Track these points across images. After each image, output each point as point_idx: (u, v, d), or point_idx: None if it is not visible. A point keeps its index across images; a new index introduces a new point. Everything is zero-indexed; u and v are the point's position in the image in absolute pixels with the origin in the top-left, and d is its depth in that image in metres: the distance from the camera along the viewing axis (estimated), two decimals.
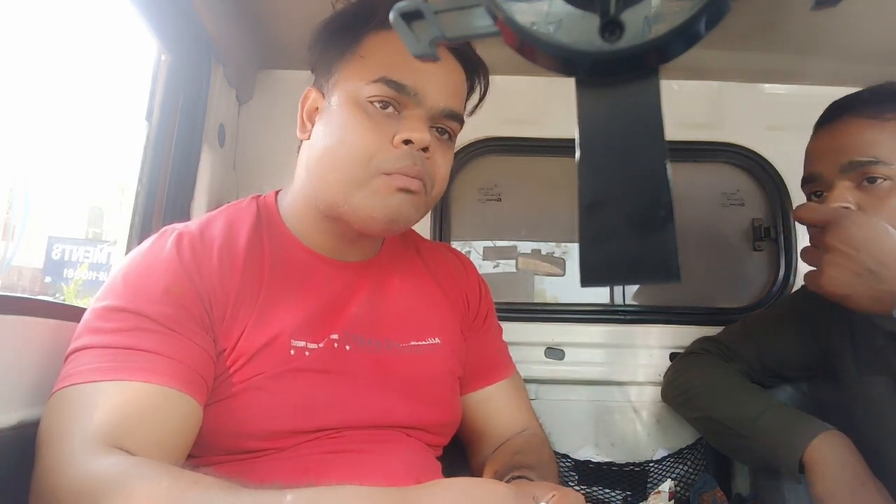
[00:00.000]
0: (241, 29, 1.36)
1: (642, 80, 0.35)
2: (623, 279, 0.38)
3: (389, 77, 0.80)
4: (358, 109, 0.81)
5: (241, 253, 0.82)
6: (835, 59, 1.47)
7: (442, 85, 0.83)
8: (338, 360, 0.82)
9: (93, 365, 0.68)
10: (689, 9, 0.32)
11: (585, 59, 0.34)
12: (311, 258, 0.88)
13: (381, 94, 0.81)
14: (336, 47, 0.86)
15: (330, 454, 0.78)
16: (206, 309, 0.76)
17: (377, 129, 0.80)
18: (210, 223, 0.85)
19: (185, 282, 0.75)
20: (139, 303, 0.72)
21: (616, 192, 0.35)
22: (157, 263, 0.76)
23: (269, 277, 0.82)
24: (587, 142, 0.36)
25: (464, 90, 0.90)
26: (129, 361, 0.68)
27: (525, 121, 1.60)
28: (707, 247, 1.68)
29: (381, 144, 0.80)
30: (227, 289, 0.78)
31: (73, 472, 0.61)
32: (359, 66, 0.83)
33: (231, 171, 1.48)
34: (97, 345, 0.70)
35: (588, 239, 0.35)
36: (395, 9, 0.37)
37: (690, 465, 1.49)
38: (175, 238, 0.79)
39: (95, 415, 0.64)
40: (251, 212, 0.89)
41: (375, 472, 0.78)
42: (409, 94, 0.81)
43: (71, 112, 22.90)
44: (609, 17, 0.33)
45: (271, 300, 0.81)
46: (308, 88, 0.90)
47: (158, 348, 0.70)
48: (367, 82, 0.81)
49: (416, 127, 0.80)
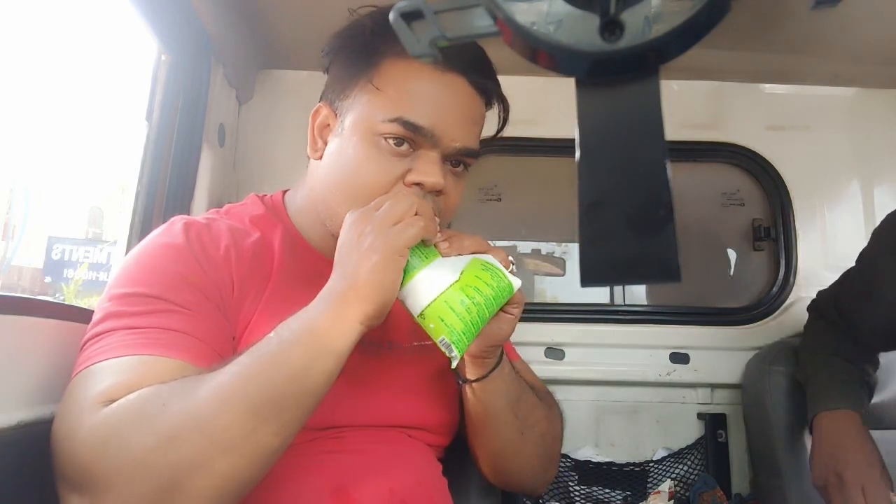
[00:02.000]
0: (241, 29, 1.36)
1: (642, 80, 0.35)
2: (623, 279, 0.38)
3: (406, 118, 0.77)
4: (371, 145, 0.79)
5: (250, 246, 0.82)
6: (835, 59, 1.47)
7: (460, 123, 0.80)
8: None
9: (119, 343, 0.68)
10: (689, 9, 0.32)
11: (585, 59, 0.34)
12: (320, 262, 0.87)
13: (397, 133, 0.78)
14: (351, 66, 0.83)
15: (332, 454, 0.78)
16: (219, 292, 0.76)
17: (389, 167, 0.78)
18: (216, 219, 0.85)
19: (197, 267, 0.76)
20: (160, 289, 0.72)
21: (616, 192, 0.35)
22: (170, 251, 0.76)
23: (277, 272, 0.82)
24: (587, 142, 0.36)
25: (482, 124, 0.87)
26: (144, 337, 0.68)
27: (525, 121, 1.60)
28: (707, 247, 1.68)
29: (392, 184, 0.78)
30: (231, 276, 0.78)
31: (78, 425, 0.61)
32: (374, 98, 0.79)
33: (231, 171, 1.47)
34: (122, 327, 0.69)
35: (588, 239, 0.35)
36: (395, 9, 0.37)
37: (690, 465, 1.49)
38: (183, 226, 0.79)
39: (105, 382, 0.64)
40: (258, 210, 0.89)
41: (376, 471, 0.78)
42: (426, 135, 0.78)
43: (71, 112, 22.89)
44: (609, 16, 0.33)
45: (279, 295, 0.81)
46: (319, 105, 0.87)
47: (174, 325, 0.70)
48: (382, 119, 0.78)
49: (429, 171, 0.78)
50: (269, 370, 0.63)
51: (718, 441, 1.49)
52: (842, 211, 1.59)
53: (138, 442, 0.58)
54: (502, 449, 0.90)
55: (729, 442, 1.49)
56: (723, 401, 1.53)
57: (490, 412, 0.86)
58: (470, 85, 0.82)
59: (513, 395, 0.87)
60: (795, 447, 1.28)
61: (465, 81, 0.81)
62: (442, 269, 0.71)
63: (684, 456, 1.50)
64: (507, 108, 0.90)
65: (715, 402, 1.53)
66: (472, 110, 0.83)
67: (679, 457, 1.50)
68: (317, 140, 0.86)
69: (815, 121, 1.60)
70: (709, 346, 1.53)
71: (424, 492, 0.81)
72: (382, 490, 0.76)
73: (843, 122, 1.61)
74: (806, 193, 1.58)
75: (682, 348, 1.52)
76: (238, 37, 1.37)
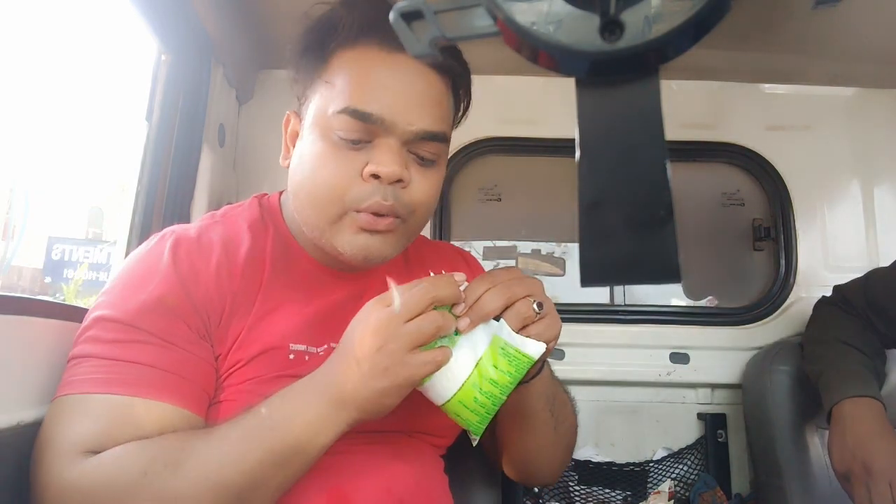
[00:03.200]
0: (241, 29, 1.36)
1: (642, 80, 0.35)
2: (623, 279, 0.38)
3: (353, 107, 0.73)
4: (326, 142, 0.76)
5: (242, 258, 0.80)
6: (835, 59, 1.47)
7: (415, 104, 0.75)
8: None
9: (87, 376, 0.69)
10: (689, 9, 0.32)
11: (585, 59, 0.34)
12: (314, 268, 0.86)
13: (348, 126, 0.74)
14: (306, 68, 0.81)
15: (330, 454, 0.78)
16: (202, 318, 0.74)
17: (345, 163, 0.74)
18: (209, 228, 0.83)
19: (180, 292, 0.74)
20: (135, 315, 0.71)
21: (616, 192, 0.35)
22: (153, 273, 0.75)
23: (268, 281, 0.81)
24: (587, 142, 0.36)
25: (445, 104, 0.80)
26: (124, 373, 0.69)
27: (525, 121, 1.60)
28: (707, 247, 1.68)
29: (351, 179, 0.74)
30: (223, 294, 0.77)
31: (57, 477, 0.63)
32: (326, 93, 0.77)
33: (231, 171, 1.47)
34: (95, 355, 0.70)
35: (588, 239, 0.35)
36: (396, 9, 0.37)
37: (690, 465, 1.49)
38: (172, 244, 0.77)
39: (83, 426, 0.66)
40: (254, 214, 0.88)
41: (374, 471, 0.78)
42: (377, 123, 0.73)
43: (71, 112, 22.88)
44: (609, 16, 0.33)
45: (270, 304, 0.80)
46: (288, 113, 0.86)
47: (153, 361, 0.70)
48: (332, 113, 0.75)
49: (384, 160, 0.73)
50: (254, 454, 0.65)
51: (718, 441, 1.49)
52: (842, 211, 1.59)
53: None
54: (538, 447, 0.89)
55: (729, 442, 1.49)
56: (723, 401, 1.53)
57: (529, 413, 0.85)
58: (423, 63, 0.75)
59: (550, 395, 0.86)
60: (796, 446, 1.28)
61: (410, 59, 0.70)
62: (457, 363, 0.69)
63: (684, 456, 1.50)
64: (468, 79, 0.84)
65: (715, 402, 1.53)
66: (430, 89, 0.77)
67: (679, 457, 1.50)
68: (288, 147, 0.85)
69: (815, 121, 1.60)
70: (709, 346, 1.52)
71: (423, 491, 0.81)
72: (380, 490, 0.76)
73: (843, 122, 1.61)
74: (806, 193, 1.58)
75: (682, 348, 1.52)
76: (238, 37, 1.37)
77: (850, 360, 1.16)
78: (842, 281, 1.31)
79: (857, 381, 1.12)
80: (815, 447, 1.30)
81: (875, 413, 1.07)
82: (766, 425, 1.32)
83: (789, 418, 1.29)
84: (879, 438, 1.04)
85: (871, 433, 1.05)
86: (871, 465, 1.02)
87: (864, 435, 1.05)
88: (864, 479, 1.02)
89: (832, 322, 1.26)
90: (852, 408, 1.09)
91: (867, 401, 1.09)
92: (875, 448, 1.03)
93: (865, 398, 1.09)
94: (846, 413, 1.09)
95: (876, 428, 1.05)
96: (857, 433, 1.06)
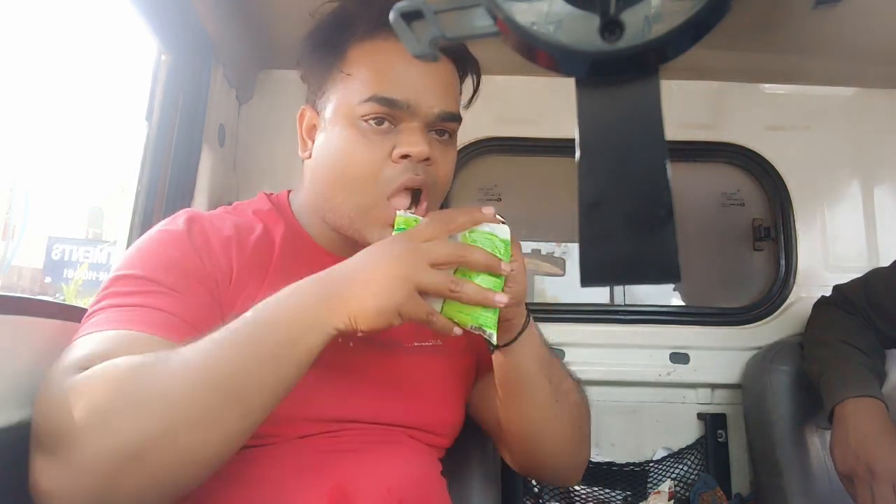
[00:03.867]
0: (241, 29, 1.36)
1: (642, 80, 0.35)
2: (623, 279, 0.38)
3: (380, 94, 0.79)
4: (353, 129, 0.81)
5: (252, 240, 0.84)
6: (835, 59, 1.47)
7: (434, 89, 0.82)
8: (341, 356, 0.82)
9: (104, 319, 0.70)
10: (689, 9, 0.32)
11: (585, 59, 0.34)
12: (323, 255, 0.88)
13: (374, 112, 0.80)
14: (321, 62, 0.85)
15: (330, 453, 0.78)
16: (215, 282, 0.78)
17: (375, 147, 0.80)
18: (221, 214, 0.88)
19: (193, 255, 0.78)
20: (149, 270, 0.75)
21: (616, 192, 0.35)
22: (168, 238, 0.79)
23: (277, 263, 0.83)
24: (587, 142, 0.36)
25: (457, 87, 0.89)
26: (136, 315, 0.70)
27: (525, 121, 1.60)
28: (707, 247, 1.68)
29: (382, 162, 0.80)
30: (230, 263, 0.80)
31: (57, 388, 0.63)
32: (347, 85, 0.82)
33: (231, 171, 1.47)
34: (109, 306, 0.72)
35: (588, 239, 0.35)
36: (396, 9, 0.37)
37: (690, 465, 1.49)
38: (187, 219, 0.82)
39: (86, 349, 0.66)
40: (264, 206, 0.92)
41: (374, 470, 0.78)
42: (402, 108, 0.80)
43: (71, 112, 22.88)
44: (609, 16, 0.33)
45: (278, 286, 0.81)
46: (303, 107, 0.90)
47: (165, 306, 0.72)
48: (358, 102, 0.80)
49: (413, 141, 0.80)
50: (240, 352, 0.64)
51: (718, 441, 1.49)
52: (842, 211, 1.59)
53: (106, 404, 0.59)
54: (537, 418, 0.89)
55: (729, 442, 1.49)
56: (723, 401, 1.53)
57: (523, 376, 0.85)
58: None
59: (545, 359, 0.87)
60: (796, 446, 1.28)
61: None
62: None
63: (684, 456, 1.50)
64: (478, 69, 0.92)
65: (715, 402, 1.53)
66: (444, 74, 0.84)
67: (679, 457, 1.50)
68: (305, 141, 0.89)
69: (815, 121, 1.60)
70: (709, 346, 1.52)
71: (423, 492, 0.81)
72: (380, 490, 0.76)
73: (843, 122, 1.60)
74: (806, 193, 1.58)
75: (682, 348, 1.52)
76: (238, 37, 1.37)
77: (851, 359, 1.16)
78: (842, 281, 1.31)
79: (858, 381, 1.12)
80: (815, 447, 1.30)
81: (878, 413, 1.07)
82: (766, 425, 1.32)
83: (789, 418, 1.29)
84: (882, 440, 1.04)
85: (875, 434, 1.05)
86: (875, 467, 1.02)
87: (867, 436, 1.05)
88: (868, 480, 1.02)
89: (832, 322, 1.26)
90: (855, 408, 1.09)
91: (870, 401, 1.09)
92: (878, 449, 1.03)
93: (868, 398, 1.09)
94: (849, 413, 1.09)
95: (879, 428, 1.05)
96: (860, 434, 1.06)
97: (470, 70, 0.91)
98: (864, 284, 1.25)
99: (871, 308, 1.21)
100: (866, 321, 1.21)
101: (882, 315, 1.19)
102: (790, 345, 1.37)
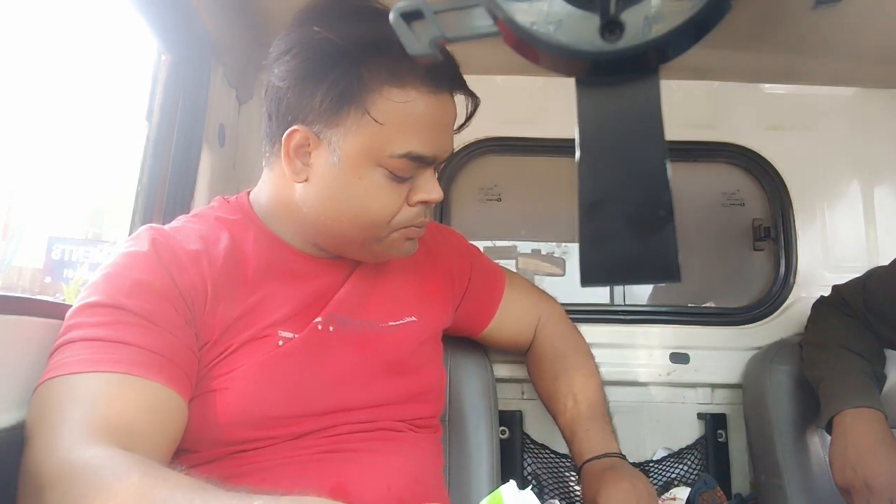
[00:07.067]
0: (242, 29, 1.36)
1: (642, 80, 0.35)
2: (623, 279, 0.38)
3: (415, 152, 0.80)
4: (377, 175, 0.81)
5: (221, 250, 0.82)
6: (835, 59, 1.47)
7: (448, 136, 0.85)
8: (322, 342, 0.84)
9: (76, 357, 0.69)
10: (689, 9, 0.32)
11: (585, 59, 0.34)
12: (299, 257, 0.89)
13: (406, 167, 0.81)
14: (337, 96, 0.77)
15: (329, 453, 0.78)
16: (187, 303, 0.76)
17: (395, 194, 0.82)
18: (184, 226, 0.86)
19: (163, 276, 0.76)
20: (119, 297, 0.73)
21: (616, 192, 0.35)
22: (134, 261, 0.77)
23: (253, 274, 0.83)
24: (587, 142, 0.36)
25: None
26: (112, 353, 0.69)
27: (525, 121, 1.60)
28: (707, 247, 1.68)
29: (400, 206, 0.83)
30: (203, 279, 0.79)
31: (55, 459, 0.61)
32: (377, 132, 0.78)
33: (231, 171, 1.47)
34: (80, 338, 0.70)
35: (588, 239, 0.35)
36: (396, 9, 0.37)
37: (690, 465, 1.49)
38: (150, 237, 0.80)
39: (78, 405, 0.65)
40: (226, 213, 0.90)
41: (374, 469, 0.79)
42: (430, 161, 0.82)
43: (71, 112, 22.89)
44: (609, 16, 0.33)
45: (257, 296, 0.82)
46: (294, 128, 0.80)
47: (140, 342, 0.70)
48: (389, 155, 0.79)
49: (431, 188, 0.84)
50: None
51: (718, 441, 1.49)
52: (842, 211, 1.59)
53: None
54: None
55: (729, 442, 1.49)
56: (723, 401, 1.53)
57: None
58: (453, 97, 0.85)
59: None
60: (796, 446, 1.28)
61: (450, 96, 0.83)
62: None
63: (684, 456, 1.50)
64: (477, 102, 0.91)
65: (715, 402, 1.53)
66: (454, 118, 0.87)
67: (679, 457, 1.50)
68: (294, 162, 0.82)
69: (815, 121, 1.60)
70: (709, 346, 1.52)
71: (422, 489, 0.82)
72: (380, 488, 0.76)
73: (843, 122, 1.60)
74: (806, 193, 1.58)
75: (682, 348, 1.52)
76: (238, 37, 1.37)
77: (850, 366, 1.16)
78: (842, 281, 1.30)
79: (857, 390, 1.12)
80: (815, 447, 1.29)
81: (876, 425, 1.07)
82: (766, 425, 1.32)
83: (789, 418, 1.29)
84: (881, 453, 1.04)
85: (873, 447, 1.05)
86: (872, 482, 1.02)
87: (865, 449, 1.05)
88: (866, 495, 1.02)
89: (831, 325, 1.26)
90: (854, 420, 1.08)
91: (868, 412, 1.08)
92: (876, 464, 1.03)
93: (866, 409, 1.09)
94: (847, 425, 1.09)
95: (877, 441, 1.05)
96: (859, 447, 1.06)
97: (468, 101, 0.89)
98: (863, 285, 1.24)
99: (869, 310, 1.20)
100: (865, 323, 1.21)
101: (880, 317, 1.19)
102: (790, 345, 1.37)
